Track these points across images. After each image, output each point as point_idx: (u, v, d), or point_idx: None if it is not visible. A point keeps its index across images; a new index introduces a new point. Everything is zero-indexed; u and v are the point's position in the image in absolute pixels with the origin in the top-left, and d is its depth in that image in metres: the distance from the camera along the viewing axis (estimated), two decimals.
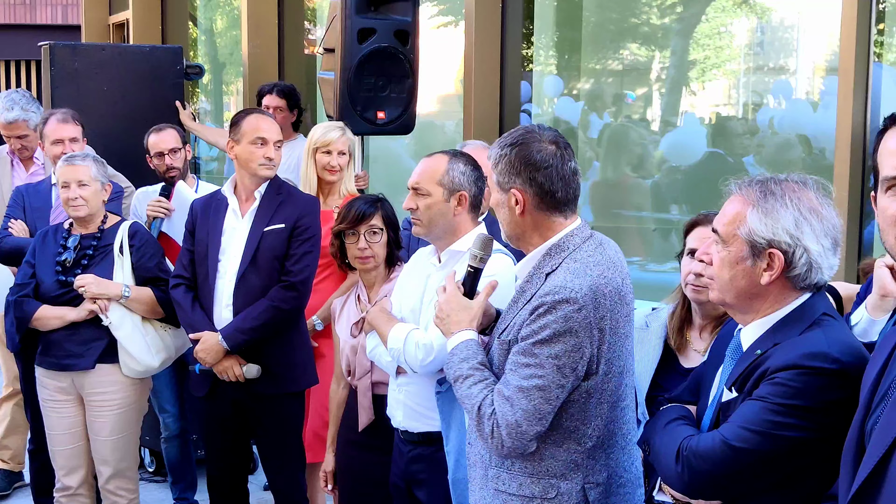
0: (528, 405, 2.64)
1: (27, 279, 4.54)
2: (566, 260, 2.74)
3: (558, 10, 7.02)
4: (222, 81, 10.98)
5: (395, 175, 7.61)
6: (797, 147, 5.54)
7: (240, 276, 4.28)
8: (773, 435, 2.30)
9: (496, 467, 2.81)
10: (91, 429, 4.57)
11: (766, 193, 2.41)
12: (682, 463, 2.41)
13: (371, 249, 3.96)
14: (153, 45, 7.39)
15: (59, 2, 14.20)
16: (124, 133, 6.15)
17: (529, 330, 2.67)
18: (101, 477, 4.60)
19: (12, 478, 6.04)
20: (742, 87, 6.33)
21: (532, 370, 2.65)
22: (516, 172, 2.76)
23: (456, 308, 2.88)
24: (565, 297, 2.64)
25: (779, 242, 2.37)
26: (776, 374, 2.32)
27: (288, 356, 4.37)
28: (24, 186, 5.29)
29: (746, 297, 2.46)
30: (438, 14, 8.03)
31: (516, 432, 2.65)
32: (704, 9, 6.38)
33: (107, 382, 4.50)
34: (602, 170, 6.65)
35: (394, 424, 3.65)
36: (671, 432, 2.53)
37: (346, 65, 5.36)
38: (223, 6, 11.02)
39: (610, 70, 6.97)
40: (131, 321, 4.48)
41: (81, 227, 4.58)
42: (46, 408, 4.61)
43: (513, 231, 2.85)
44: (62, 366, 4.49)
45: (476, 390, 2.72)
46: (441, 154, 3.54)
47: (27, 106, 5.71)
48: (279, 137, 4.39)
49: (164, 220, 5.23)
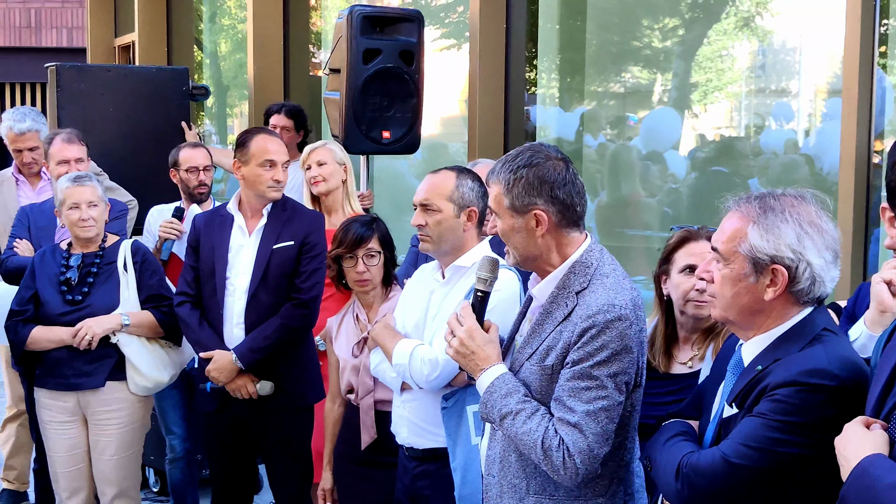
0: (598, 428, 2.58)
1: (24, 304, 4.52)
2: (596, 276, 2.70)
3: (561, 33, 7.06)
4: (226, 104, 11.03)
5: (399, 195, 7.63)
6: (802, 167, 5.56)
7: (251, 294, 4.28)
8: (771, 451, 2.30)
9: (535, 495, 2.74)
10: (95, 448, 4.55)
11: (765, 209, 2.40)
12: (681, 479, 2.40)
13: (369, 272, 3.98)
14: (159, 67, 7.44)
15: (65, 24, 14.28)
16: (130, 153, 6.19)
17: (584, 352, 2.60)
18: (105, 497, 4.58)
19: (17, 497, 6.02)
20: (744, 109, 6.35)
21: (595, 392, 2.59)
22: (536, 193, 2.70)
23: (481, 343, 2.79)
24: (617, 314, 2.60)
25: (781, 258, 2.37)
26: (776, 390, 2.31)
27: (297, 371, 4.38)
28: (29, 206, 5.30)
29: (749, 313, 2.45)
30: (441, 37, 8.08)
31: (589, 458, 2.58)
32: (706, 32, 6.41)
33: (113, 400, 4.50)
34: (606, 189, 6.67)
35: (398, 441, 3.64)
36: (672, 448, 2.53)
37: (352, 85, 5.40)
38: (227, 30, 11.08)
39: (612, 92, 7.00)
40: (137, 338, 4.49)
41: (82, 247, 4.58)
42: (48, 429, 4.59)
43: (530, 253, 2.77)
44: (71, 385, 4.48)
45: (533, 424, 2.63)
46: (447, 170, 3.55)
47: (37, 118, 5.73)
48: (286, 158, 4.40)
49: (175, 241, 5.25)
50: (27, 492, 6.02)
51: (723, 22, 6.26)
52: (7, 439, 6.00)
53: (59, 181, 4.67)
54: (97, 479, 4.58)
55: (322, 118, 7.56)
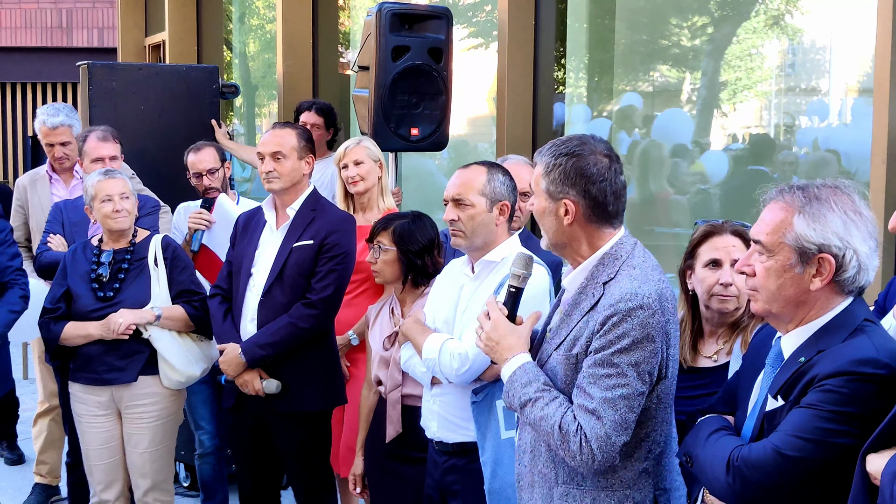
0: (615, 416, 2.58)
1: (56, 302, 4.56)
2: (623, 267, 2.70)
3: (590, 32, 7.05)
4: (255, 104, 11.08)
5: (427, 192, 7.64)
6: (832, 165, 5.52)
7: (265, 290, 4.29)
8: (824, 442, 2.28)
9: (564, 484, 2.75)
10: (129, 441, 4.59)
11: (810, 198, 2.40)
12: (733, 473, 2.38)
13: (377, 264, 4.01)
14: (189, 65, 7.48)
15: (96, 25, 14.39)
16: (161, 151, 6.23)
17: (605, 340, 2.61)
18: (139, 490, 4.62)
19: (49, 492, 6.07)
20: (773, 108, 6.31)
21: (615, 380, 2.59)
22: (570, 183, 2.71)
23: (504, 333, 2.82)
24: (639, 303, 2.61)
25: (829, 247, 2.36)
26: (825, 380, 2.30)
27: (308, 374, 4.34)
28: (63, 202, 5.33)
29: (793, 305, 2.44)
30: (468, 36, 8.08)
31: (606, 445, 2.59)
32: (735, 30, 6.38)
33: (147, 394, 4.53)
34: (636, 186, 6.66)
35: (428, 435, 3.66)
36: (717, 443, 2.51)
37: (381, 82, 5.41)
38: (256, 30, 11.14)
39: (640, 91, 6.98)
40: (169, 333, 4.53)
41: (113, 242, 4.61)
42: (82, 423, 4.63)
43: (558, 240, 2.79)
44: (104, 380, 4.51)
45: (551, 410, 2.65)
46: (478, 165, 3.56)
47: (70, 114, 5.76)
48: (278, 149, 4.29)
49: (206, 232, 5.27)
50: (59, 486, 6.07)
51: (752, 20, 6.22)
52: (39, 434, 6.05)
53: (88, 177, 4.70)
54: (131, 471, 4.62)
55: (350, 116, 7.59)
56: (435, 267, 4.01)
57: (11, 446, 6.87)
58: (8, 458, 6.74)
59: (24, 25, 14.38)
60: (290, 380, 4.30)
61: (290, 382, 4.30)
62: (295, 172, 4.33)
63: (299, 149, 4.34)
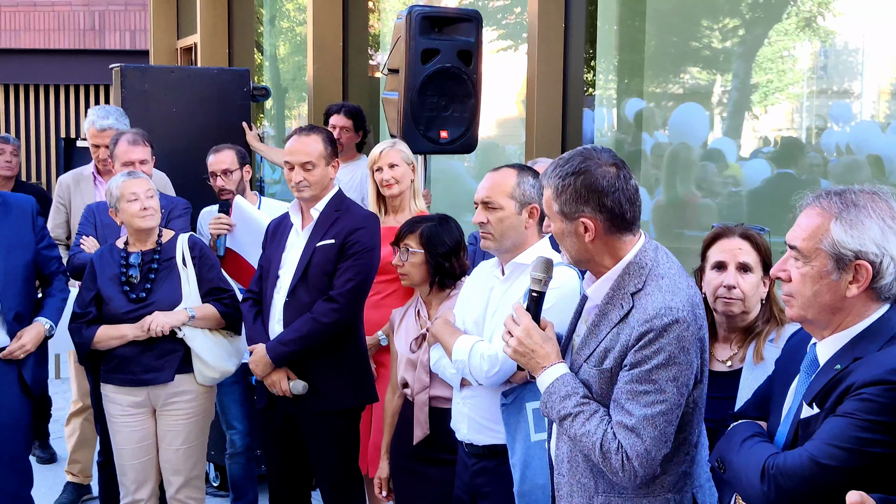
0: (655, 432, 2.60)
1: (86, 307, 4.57)
2: (651, 277, 2.69)
3: (620, 34, 7.03)
4: (285, 106, 11.13)
5: (456, 195, 7.65)
6: (865, 168, 5.48)
7: (290, 291, 4.32)
8: (861, 451, 2.27)
9: (604, 493, 2.75)
10: (164, 439, 4.63)
11: (847, 204, 2.38)
12: (767, 481, 2.37)
13: (403, 267, 4.02)
14: (221, 68, 7.54)
15: (128, 27, 14.50)
16: (192, 153, 6.26)
17: (642, 356, 2.60)
18: (171, 487, 4.65)
19: (81, 490, 6.13)
20: (805, 110, 6.27)
21: (653, 396, 2.59)
22: (584, 201, 2.69)
23: (539, 341, 2.80)
24: (674, 318, 2.60)
25: (866, 253, 2.34)
26: (862, 389, 2.28)
27: (335, 373, 4.36)
28: (96, 204, 5.35)
29: (829, 311, 2.42)
30: (497, 38, 8.08)
31: (647, 461, 2.60)
32: (767, 32, 6.35)
33: (182, 392, 4.58)
34: (665, 190, 6.64)
35: (458, 437, 3.66)
36: (751, 450, 2.49)
37: (410, 85, 5.41)
38: (286, 32, 11.18)
39: (671, 94, 6.95)
40: (201, 332, 4.57)
41: (140, 244, 4.63)
42: (116, 423, 4.65)
43: (582, 256, 2.77)
44: (142, 381, 4.55)
45: (592, 426, 2.65)
46: (508, 168, 3.56)
47: (120, 118, 5.77)
48: (308, 159, 4.30)
49: (228, 235, 5.31)
50: (90, 485, 6.13)
51: (784, 22, 6.18)
52: (72, 433, 6.10)
53: (110, 181, 4.71)
54: (164, 469, 4.66)
55: (380, 119, 7.61)
56: (461, 269, 4.02)
57: (44, 445, 6.93)
58: (40, 457, 6.81)
59: (56, 28, 14.51)
60: (319, 378, 4.32)
61: (320, 381, 4.32)
62: (324, 179, 4.36)
63: (326, 155, 4.37)
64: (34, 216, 4.75)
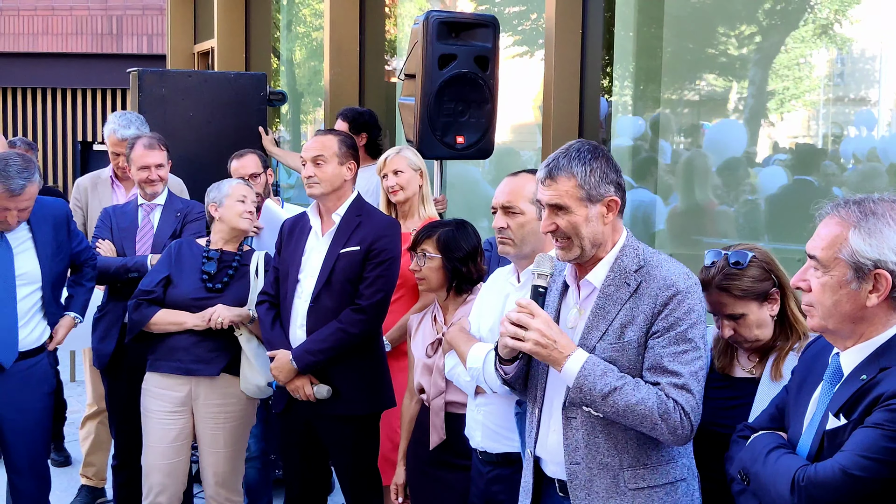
0: (699, 386, 2.76)
1: (154, 286, 4.63)
2: (645, 255, 2.85)
3: (637, 40, 7.02)
4: (301, 111, 11.15)
5: (472, 200, 7.65)
6: (882, 176, 5.46)
7: (314, 297, 4.31)
8: (892, 462, 2.26)
9: (631, 468, 2.83)
10: (204, 440, 4.63)
11: (866, 213, 2.37)
12: (798, 493, 2.36)
13: (421, 272, 4.02)
14: (238, 72, 7.56)
15: (145, 32, 14.57)
16: (209, 157, 6.29)
17: (674, 318, 2.74)
18: (209, 488, 4.67)
19: (95, 494, 6.13)
20: (822, 117, 6.25)
21: (692, 354, 2.74)
22: (609, 180, 2.83)
23: (558, 332, 2.82)
24: (694, 280, 2.81)
25: (885, 262, 2.33)
26: (892, 400, 2.27)
27: (358, 378, 4.36)
28: (112, 208, 5.37)
29: (850, 321, 2.41)
30: (514, 44, 8.08)
31: (696, 415, 2.74)
32: (783, 39, 6.33)
33: (227, 394, 4.60)
34: (681, 196, 6.62)
35: (472, 445, 3.65)
36: (778, 462, 2.48)
37: (427, 90, 5.42)
38: (303, 37, 11.21)
39: (687, 100, 6.94)
40: (256, 339, 4.60)
41: (223, 243, 4.72)
42: (152, 419, 4.64)
43: (596, 241, 2.86)
44: (188, 370, 4.57)
45: (643, 393, 2.73)
46: (526, 173, 3.54)
47: (141, 127, 5.76)
48: (319, 153, 4.34)
49: (255, 238, 5.32)
50: (105, 488, 6.14)
51: (801, 29, 6.17)
52: (87, 436, 6.12)
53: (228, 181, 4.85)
54: (205, 472, 4.67)
55: (396, 124, 7.62)
56: (479, 274, 4.01)
57: (59, 448, 6.95)
58: (55, 460, 6.82)
59: (74, 32, 14.59)
60: (340, 383, 4.33)
61: (339, 386, 4.33)
62: (336, 178, 4.35)
63: (340, 154, 4.37)
64: (69, 220, 4.83)
